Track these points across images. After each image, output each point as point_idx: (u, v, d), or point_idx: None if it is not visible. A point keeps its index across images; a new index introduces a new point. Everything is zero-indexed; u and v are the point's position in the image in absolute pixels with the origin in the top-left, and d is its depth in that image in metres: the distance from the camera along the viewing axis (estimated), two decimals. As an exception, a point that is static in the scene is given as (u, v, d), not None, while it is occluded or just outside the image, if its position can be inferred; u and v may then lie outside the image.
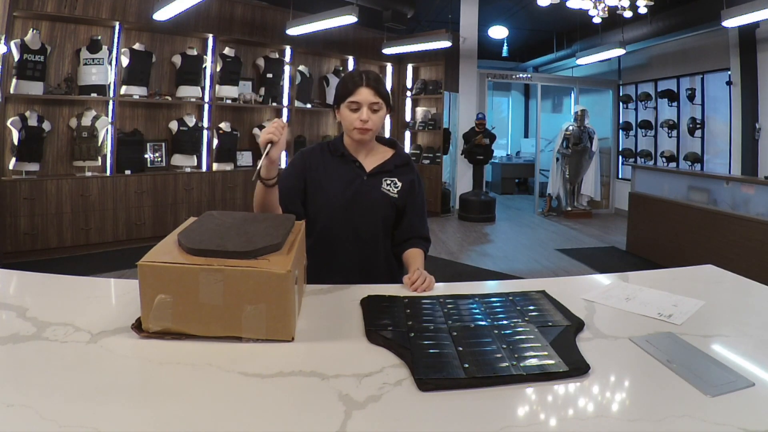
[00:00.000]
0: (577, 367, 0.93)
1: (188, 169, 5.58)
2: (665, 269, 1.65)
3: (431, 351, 0.99)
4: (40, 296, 1.26)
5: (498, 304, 1.24)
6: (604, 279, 1.53)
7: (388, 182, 1.60)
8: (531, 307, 1.22)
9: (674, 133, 6.99)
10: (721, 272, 1.58)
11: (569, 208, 7.63)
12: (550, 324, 1.12)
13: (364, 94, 1.49)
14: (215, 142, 5.77)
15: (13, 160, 4.46)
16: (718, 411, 0.81)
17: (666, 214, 4.97)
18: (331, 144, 1.63)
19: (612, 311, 1.25)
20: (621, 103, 8.06)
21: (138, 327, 1.05)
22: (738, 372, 0.93)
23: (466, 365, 0.92)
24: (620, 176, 8.10)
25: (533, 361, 0.94)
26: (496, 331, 1.08)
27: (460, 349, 0.99)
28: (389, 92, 1.56)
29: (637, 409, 0.83)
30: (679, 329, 1.14)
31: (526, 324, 1.12)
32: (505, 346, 1.00)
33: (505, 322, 1.13)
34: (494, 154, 7.99)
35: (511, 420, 0.80)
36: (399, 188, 1.60)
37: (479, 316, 1.16)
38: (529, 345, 1.01)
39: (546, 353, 0.97)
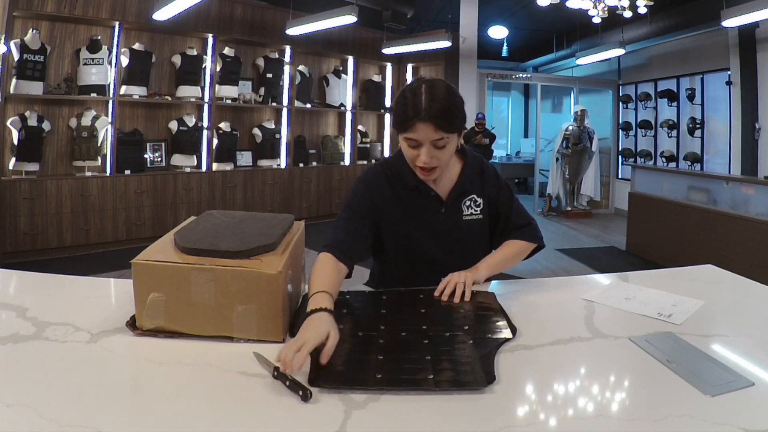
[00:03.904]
0: (476, 379, 0.88)
1: (188, 169, 5.58)
2: (665, 269, 1.65)
3: (349, 358, 0.96)
4: (40, 296, 1.26)
5: (442, 310, 1.18)
6: (603, 279, 1.53)
7: (468, 203, 1.40)
8: (475, 315, 1.16)
9: (674, 133, 6.99)
10: (721, 272, 1.58)
11: (569, 208, 7.63)
12: (489, 336, 1.07)
13: (423, 131, 1.19)
14: (215, 142, 5.77)
15: (13, 160, 4.46)
16: (718, 411, 0.81)
17: (666, 214, 4.97)
18: (399, 173, 1.35)
19: (612, 311, 1.25)
20: (621, 103, 8.06)
21: (132, 324, 1.06)
22: (738, 372, 0.93)
23: (379, 375, 0.89)
24: (620, 176, 8.10)
25: (450, 375, 0.91)
26: (426, 341, 1.03)
27: (381, 357, 0.96)
28: (461, 114, 1.25)
29: (637, 409, 0.83)
30: (678, 329, 1.14)
31: (464, 334, 1.07)
32: (429, 357, 0.96)
33: (441, 331, 1.08)
34: (494, 154, 7.99)
35: (512, 419, 0.80)
36: (481, 205, 1.41)
37: (415, 324, 1.11)
38: (456, 357, 0.97)
39: (469, 368, 0.93)
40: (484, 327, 1.11)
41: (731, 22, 4.55)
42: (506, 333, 1.08)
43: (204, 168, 5.74)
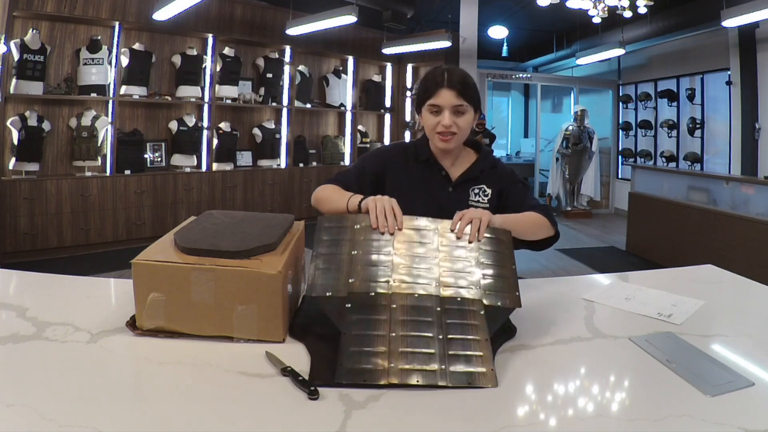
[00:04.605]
0: (487, 375, 0.89)
1: (188, 169, 5.58)
2: (665, 269, 1.65)
3: (361, 350, 0.92)
4: (40, 296, 1.26)
5: (456, 257, 1.10)
6: (603, 279, 1.53)
7: (476, 191, 1.44)
8: (488, 267, 1.10)
9: (674, 133, 6.99)
10: (721, 272, 1.58)
11: (569, 208, 7.63)
12: (499, 304, 1.03)
13: (446, 97, 1.31)
14: (215, 142, 5.77)
15: (13, 160, 4.46)
16: (718, 411, 0.81)
17: (666, 214, 4.97)
18: (416, 147, 1.46)
19: (612, 311, 1.25)
20: (621, 103, 8.06)
21: (132, 324, 1.06)
22: (738, 372, 0.93)
23: (392, 364, 0.88)
24: (620, 176, 8.10)
25: (461, 367, 0.90)
26: (438, 309, 1.00)
27: (393, 335, 0.94)
28: (478, 92, 1.38)
29: (637, 409, 0.83)
30: (678, 329, 1.14)
31: (477, 298, 1.03)
32: (441, 337, 0.94)
33: (453, 294, 1.03)
34: (494, 154, 7.97)
35: (512, 419, 0.80)
36: (489, 195, 1.44)
37: (428, 279, 1.05)
38: (467, 340, 0.95)
39: (481, 353, 0.92)
40: (496, 289, 1.06)
41: (731, 22, 4.55)
42: (515, 300, 1.05)
43: (204, 168, 5.74)
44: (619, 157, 8.12)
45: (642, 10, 4.65)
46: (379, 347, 0.92)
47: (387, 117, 7.79)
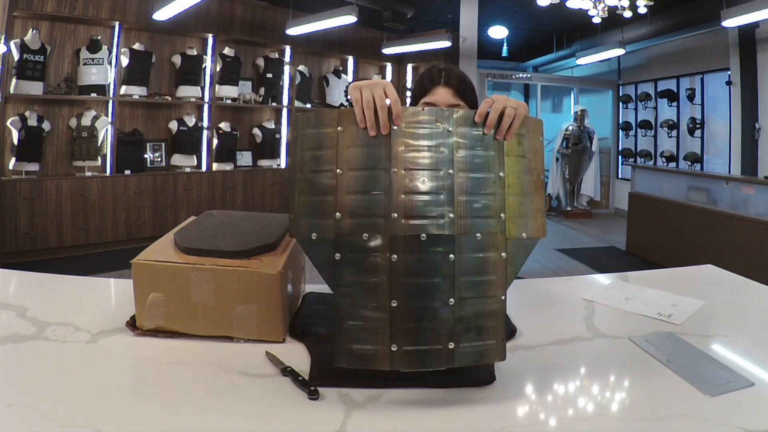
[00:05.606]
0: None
1: (188, 169, 5.58)
2: (665, 269, 1.65)
3: (360, 326, 0.81)
4: (40, 296, 1.26)
5: (479, 185, 0.85)
6: (603, 279, 1.53)
7: None
8: (516, 189, 0.88)
9: (674, 133, 6.99)
10: (721, 272, 1.58)
11: (569, 208, 7.63)
12: (523, 236, 0.86)
13: (442, 95, 1.25)
14: (215, 142, 5.77)
15: (13, 160, 4.46)
16: (718, 411, 0.81)
17: (666, 214, 4.97)
18: None
19: (612, 311, 1.25)
20: (621, 103, 8.06)
21: (132, 324, 1.06)
22: (737, 372, 0.93)
23: (394, 347, 0.80)
24: (620, 176, 8.10)
25: (471, 343, 0.82)
26: (452, 256, 0.81)
27: (394, 305, 0.81)
28: (475, 93, 1.30)
29: (637, 409, 0.83)
30: (678, 329, 1.14)
31: (499, 232, 0.84)
32: (452, 301, 0.81)
33: (471, 230, 0.83)
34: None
35: (512, 419, 0.80)
36: None
37: (439, 206, 0.82)
38: (483, 304, 0.83)
39: (494, 323, 0.83)
40: (521, 214, 0.87)
41: (731, 22, 4.55)
42: (539, 228, 0.88)
43: (204, 168, 5.74)
44: (619, 157, 8.12)
45: (642, 10, 4.64)
46: (380, 324, 0.81)
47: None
